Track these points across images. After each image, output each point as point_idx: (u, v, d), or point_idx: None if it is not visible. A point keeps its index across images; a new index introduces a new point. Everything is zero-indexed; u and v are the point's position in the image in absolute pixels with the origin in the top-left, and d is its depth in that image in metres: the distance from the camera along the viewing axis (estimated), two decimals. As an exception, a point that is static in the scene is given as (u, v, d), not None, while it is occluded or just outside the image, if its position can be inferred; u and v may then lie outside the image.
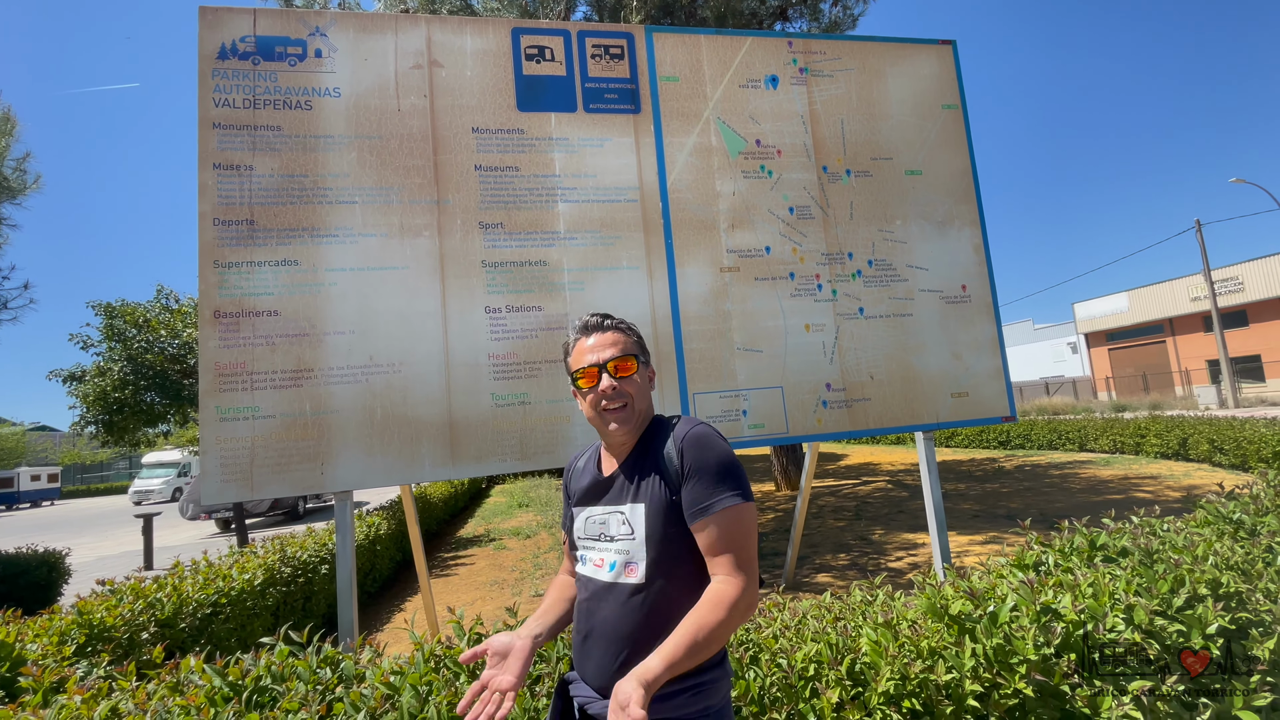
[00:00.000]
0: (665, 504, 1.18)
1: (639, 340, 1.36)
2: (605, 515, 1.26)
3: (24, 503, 29.82)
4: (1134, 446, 11.91)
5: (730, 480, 1.16)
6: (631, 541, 1.20)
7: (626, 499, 1.23)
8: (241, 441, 2.73)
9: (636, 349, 1.33)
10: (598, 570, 1.24)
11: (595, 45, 3.42)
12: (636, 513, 1.21)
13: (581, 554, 1.30)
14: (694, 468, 1.16)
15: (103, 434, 9.49)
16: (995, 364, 3.67)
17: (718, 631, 1.05)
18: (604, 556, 1.24)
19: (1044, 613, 1.70)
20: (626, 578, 1.18)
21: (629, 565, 1.19)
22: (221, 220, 2.87)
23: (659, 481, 1.20)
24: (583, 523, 1.31)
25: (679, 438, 1.21)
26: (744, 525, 1.14)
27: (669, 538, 1.17)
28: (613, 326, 1.34)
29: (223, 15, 3.03)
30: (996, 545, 5.68)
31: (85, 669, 1.97)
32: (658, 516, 1.18)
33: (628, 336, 1.33)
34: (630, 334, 1.34)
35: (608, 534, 1.24)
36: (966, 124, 3.88)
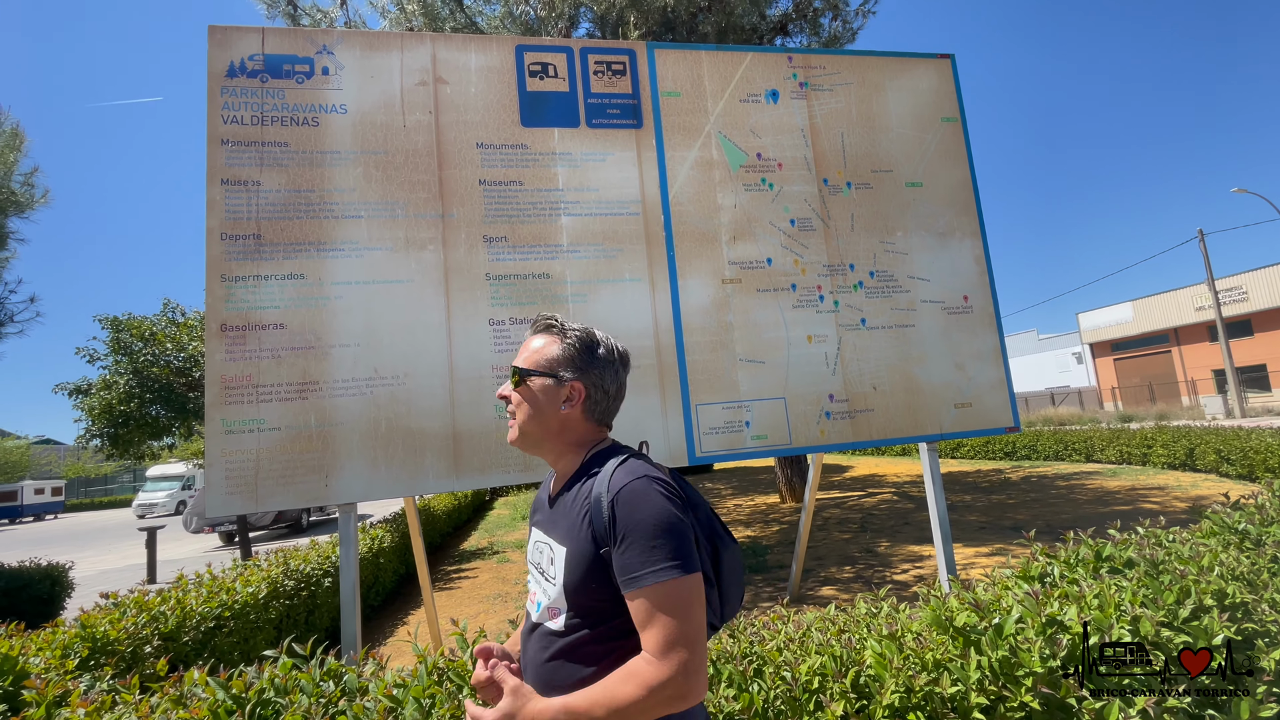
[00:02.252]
0: (590, 557, 1.02)
1: (568, 350, 1.17)
2: (541, 543, 1.15)
3: (27, 516, 29.84)
4: (1141, 457, 11.83)
5: (666, 548, 0.97)
6: (554, 586, 1.07)
7: (556, 532, 1.11)
8: (247, 454, 2.75)
9: (541, 361, 1.17)
10: (530, 604, 1.15)
11: (597, 62, 3.47)
12: (559, 555, 1.08)
13: (528, 580, 1.21)
14: (625, 530, 0.98)
15: (107, 447, 9.53)
16: (998, 374, 3.67)
17: (628, 711, 0.91)
18: (535, 591, 1.14)
19: (1050, 624, 1.70)
20: (549, 621, 1.08)
21: (551, 609, 1.08)
22: (229, 235, 2.90)
23: (585, 528, 1.04)
24: (531, 545, 1.21)
25: (613, 489, 1.02)
26: (678, 600, 0.95)
27: (591, 592, 1.02)
28: (542, 329, 1.22)
29: (232, 34, 3.08)
30: (1003, 557, 5.63)
31: (88, 682, 1.97)
32: (578, 568, 1.03)
33: (551, 341, 1.19)
34: (551, 342, 1.19)
35: (541, 565, 1.14)
36: (966, 136, 3.91)
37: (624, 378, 1.23)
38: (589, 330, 1.21)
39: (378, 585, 5.73)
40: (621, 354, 1.23)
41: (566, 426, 1.16)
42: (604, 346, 1.20)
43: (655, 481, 1.02)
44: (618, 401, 1.22)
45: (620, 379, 1.21)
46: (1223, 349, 24.52)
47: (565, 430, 1.16)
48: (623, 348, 1.25)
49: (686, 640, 0.94)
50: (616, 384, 1.20)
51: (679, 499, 1.03)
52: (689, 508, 1.07)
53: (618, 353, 1.22)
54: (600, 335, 1.22)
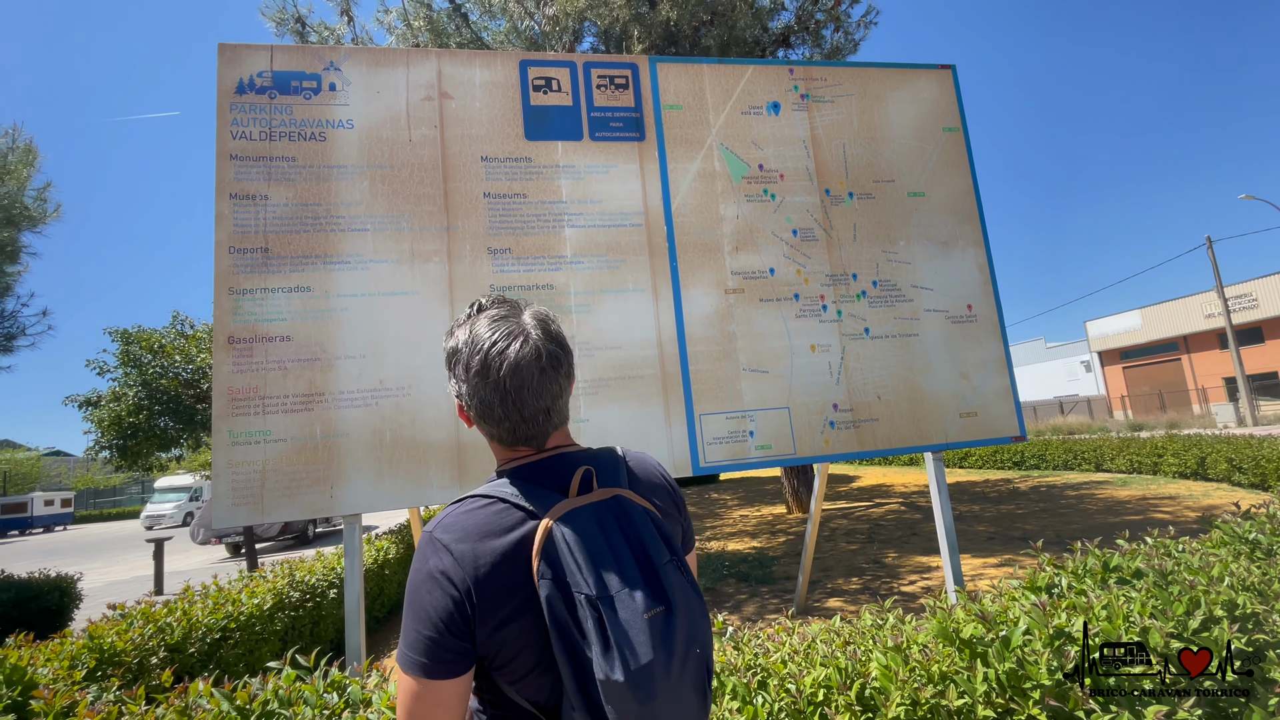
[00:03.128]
0: None
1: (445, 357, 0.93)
2: None
3: (37, 528, 29.97)
4: (1151, 466, 11.71)
5: (408, 629, 0.79)
6: None
7: None
8: (253, 465, 2.76)
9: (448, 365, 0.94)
10: None
11: (600, 76, 3.51)
12: None
13: None
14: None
15: (117, 458, 9.60)
16: (1004, 383, 3.66)
17: None
18: None
19: (1057, 636, 1.68)
20: None
21: None
22: (237, 248, 2.94)
23: None
24: None
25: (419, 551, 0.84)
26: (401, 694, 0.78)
27: None
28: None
29: (241, 52, 3.14)
30: (1011, 568, 5.58)
31: (95, 693, 1.98)
32: None
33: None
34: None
35: None
36: (968, 146, 3.92)
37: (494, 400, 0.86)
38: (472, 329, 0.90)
39: (383, 597, 5.73)
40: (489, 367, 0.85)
41: (489, 443, 0.95)
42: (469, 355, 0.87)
43: (436, 544, 0.81)
44: (505, 425, 0.89)
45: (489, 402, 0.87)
46: (1233, 356, 24.32)
47: (490, 446, 0.96)
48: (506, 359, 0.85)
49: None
50: (479, 406, 0.88)
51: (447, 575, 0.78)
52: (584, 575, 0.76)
53: (486, 365, 0.85)
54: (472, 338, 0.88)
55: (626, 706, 0.73)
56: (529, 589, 0.79)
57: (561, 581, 0.77)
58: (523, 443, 0.91)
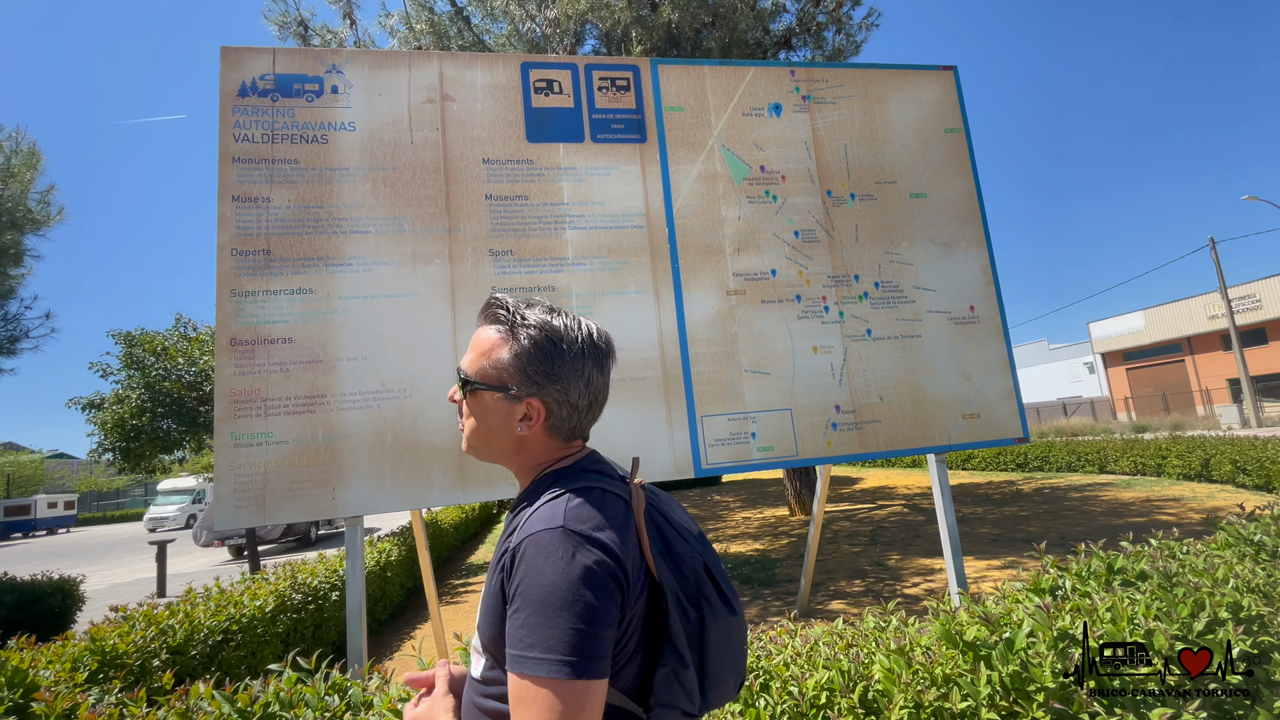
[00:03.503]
0: (494, 605, 0.81)
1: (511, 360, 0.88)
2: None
3: (40, 530, 30.03)
4: (1155, 468, 11.67)
5: (555, 631, 0.72)
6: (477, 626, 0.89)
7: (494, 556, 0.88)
8: (255, 467, 2.77)
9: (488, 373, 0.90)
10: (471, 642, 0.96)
11: (602, 78, 3.51)
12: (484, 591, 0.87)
13: None
14: (519, 589, 0.75)
15: (120, 461, 9.61)
16: (1006, 385, 3.65)
17: None
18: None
19: (1061, 638, 1.67)
20: (473, 665, 0.89)
21: (476, 649, 0.89)
22: (239, 251, 2.95)
23: (498, 571, 0.82)
24: None
25: (525, 532, 0.79)
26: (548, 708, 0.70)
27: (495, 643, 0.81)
28: (491, 319, 0.92)
29: (244, 55, 3.15)
30: (1015, 570, 5.56)
31: (97, 695, 1.98)
32: (487, 615, 0.83)
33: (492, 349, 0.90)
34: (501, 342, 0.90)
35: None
36: (970, 147, 3.92)
37: (600, 381, 0.92)
38: (548, 322, 0.89)
39: (385, 599, 5.72)
40: (597, 346, 0.91)
41: (524, 447, 0.92)
42: (569, 343, 0.89)
43: (573, 536, 0.76)
44: (595, 411, 0.94)
45: (595, 383, 0.91)
46: (1237, 358, 24.23)
47: (523, 450, 0.93)
48: (600, 336, 0.93)
49: None
50: (590, 392, 0.91)
51: (604, 558, 0.76)
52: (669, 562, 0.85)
53: (590, 346, 0.90)
54: (564, 326, 0.90)
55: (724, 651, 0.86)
56: (645, 572, 0.82)
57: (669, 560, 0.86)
58: (581, 435, 0.95)
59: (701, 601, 0.85)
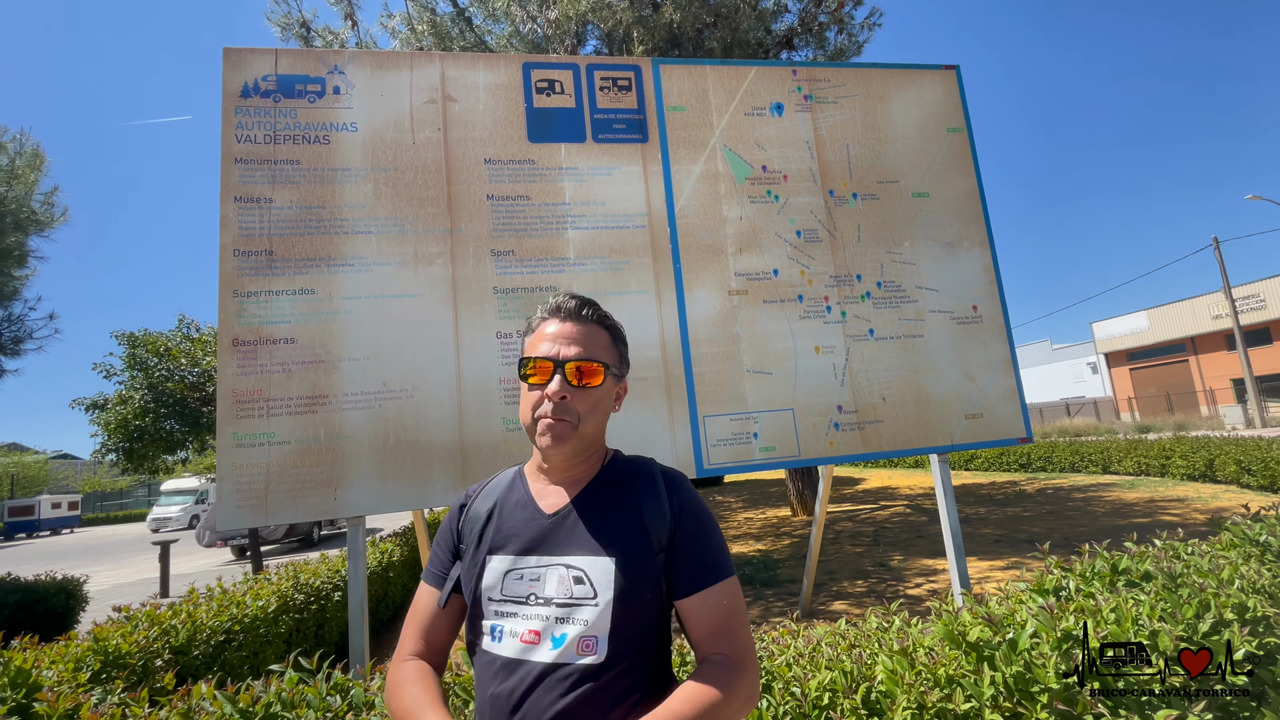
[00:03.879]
0: (645, 562, 0.92)
1: (620, 344, 1.10)
2: (541, 569, 0.96)
3: (44, 530, 30.13)
4: (1159, 468, 11.64)
5: (727, 550, 0.99)
6: (591, 606, 0.91)
7: (581, 549, 0.95)
8: (257, 467, 2.77)
9: (611, 356, 1.06)
10: (529, 648, 0.91)
11: (603, 78, 3.51)
12: (601, 568, 0.92)
13: (494, 624, 0.96)
14: (695, 528, 0.96)
15: (123, 461, 9.64)
16: (1009, 384, 3.63)
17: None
18: (537, 628, 0.92)
19: (1065, 639, 1.66)
20: (581, 656, 0.89)
21: (584, 640, 0.90)
22: (241, 251, 2.95)
23: (640, 531, 0.95)
24: (500, 577, 0.98)
25: (674, 486, 1.01)
26: (738, 598, 0.96)
27: (643, 605, 0.91)
28: (594, 319, 1.07)
29: (246, 56, 3.15)
30: (1018, 570, 5.54)
31: (99, 695, 1.98)
32: (635, 575, 0.91)
33: (608, 335, 1.08)
34: (611, 332, 1.10)
35: (541, 595, 0.94)
36: (972, 146, 3.91)
37: None
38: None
39: (387, 599, 5.73)
40: None
41: (603, 432, 1.09)
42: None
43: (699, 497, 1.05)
44: None
45: None
46: (1241, 358, 24.15)
47: (602, 435, 1.09)
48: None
49: (753, 644, 0.95)
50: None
51: None
52: None
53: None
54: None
55: None
56: None
57: None
58: None
59: None
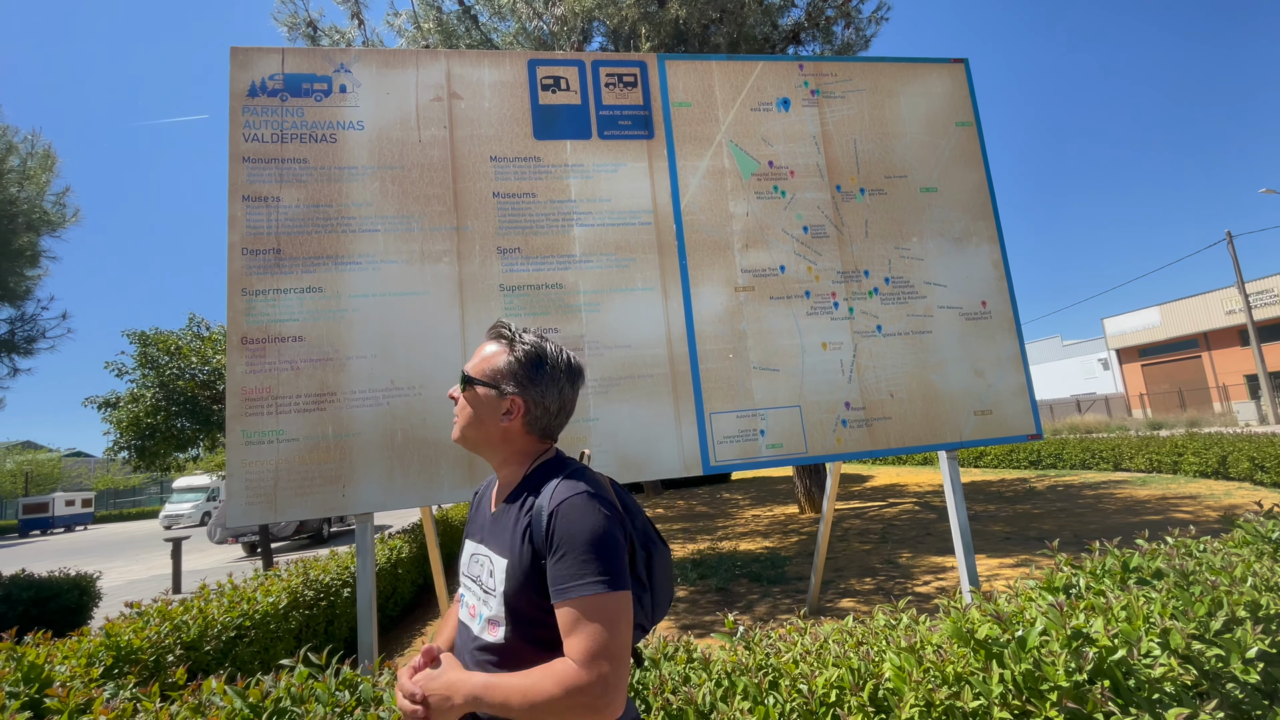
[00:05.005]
0: (527, 568, 1.04)
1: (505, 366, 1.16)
2: (481, 556, 1.16)
3: (58, 527, 30.48)
4: (1171, 465, 11.52)
5: (600, 562, 0.99)
6: (494, 598, 1.08)
7: (496, 545, 1.12)
8: (266, 464, 2.79)
9: (487, 370, 1.16)
10: (470, 619, 1.14)
11: (609, 74, 3.50)
12: (499, 567, 1.09)
13: (461, 593, 1.20)
14: (561, 541, 1.01)
15: (135, 459, 9.74)
16: (1019, 381, 3.61)
17: (543, 707, 0.92)
18: (475, 605, 1.13)
19: (1075, 637, 1.65)
20: (488, 635, 1.08)
21: (491, 621, 1.08)
22: (250, 250, 2.97)
23: (525, 540, 1.06)
24: (467, 558, 1.21)
25: (554, 502, 1.05)
26: (605, 614, 0.97)
27: (530, 603, 1.04)
28: (495, 336, 1.20)
29: (253, 55, 3.17)
30: (1027, 568, 5.50)
31: (112, 690, 2.00)
32: (517, 579, 1.05)
33: (491, 356, 1.17)
34: (500, 352, 1.17)
35: (480, 578, 1.14)
36: (981, 140, 3.87)
37: (570, 395, 1.21)
38: (539, 344, 1.18)
39: (396, 596, 5.76)
40: (571, 369, 1.20)
41: (507, 438, 1.17)
42: (550, 362, 1.17)
43: (595, 498, 1.05)
44: (562, 417, 1.21)
45: (565, 396, 1.19)
46: (1255, 353, 23.86)
47: (506, 441, 1.17)
48: (576, 362, 1.22)
49: (609, 654, 0.94)
50: (559, 401, 1.19)
51: (617, 515, 1.06)
52: (627, 518, 1.12)
53: (566, 369, 1.19)
54: (551, 349, 1.19)
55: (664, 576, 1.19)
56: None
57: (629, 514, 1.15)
58: (552, 434, 1.22)
59: (648, 542, 1.16)
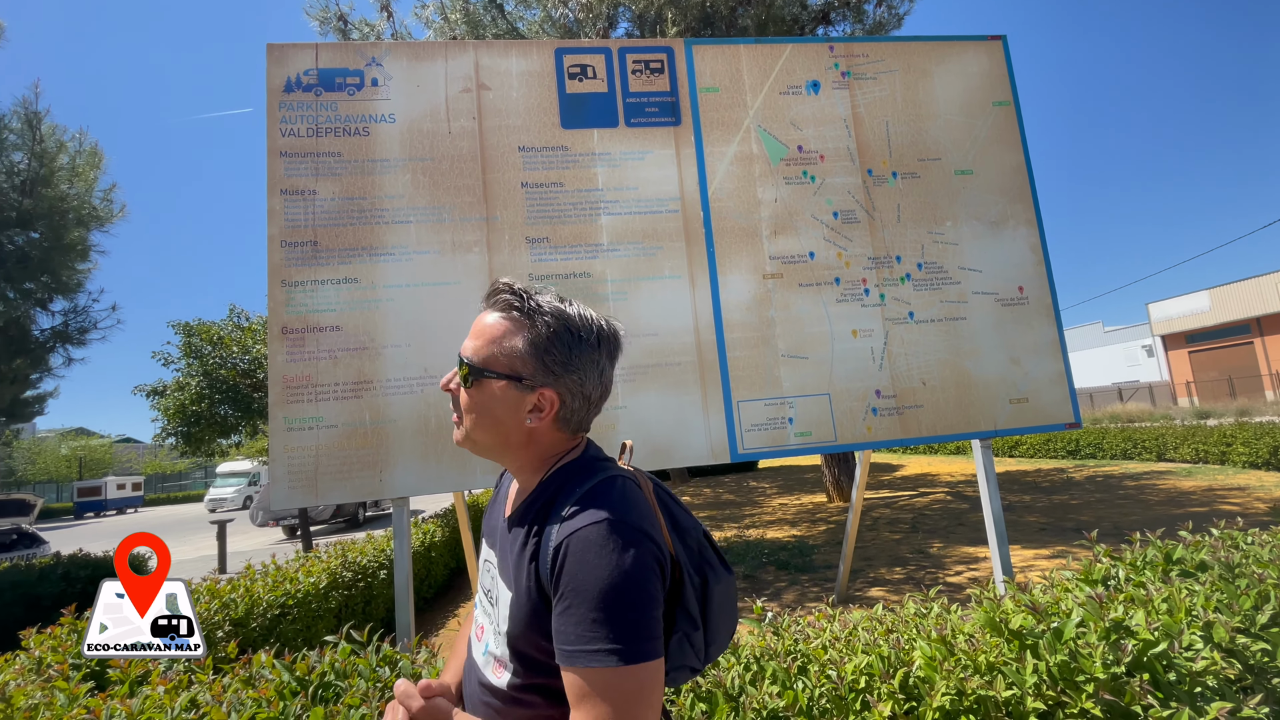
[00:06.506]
0: (534, 607, 0.80)
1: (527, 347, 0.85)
2: (492, 566, 0.92)
3: (110, 510, 31.95)
4: (1219, 455, 11.10)
5: (613, 624, 0.73)
6: (499, 633, 0.85)
7: (503, 567, 0.88)
8: (307, 450, 2.88)
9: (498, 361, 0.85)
10: (476, 641, 0.93)
11: (635, 61, 3.48)
12: (504, 599, 0.85)
13: (477, 602, 0.98)
14: (569, 588, 0.75)
15: (181, 445, 10.14)
16: (1057, 368, 3.51)
17: None
18: (484, 627, 0.91)
19: (1114, 629, 1.62)
20: (491, 674, 0.86)
21: (497, 659, 0.86)
22: (288, 242, 3.05)
23: (532, 571, 0.81)
24: (481, 564, 0.97)
25: (566, 530, 0.78)
26: (620, 694, 0.71)
27: (537, 646, 0.80)
28: (503, 305, 0.88)
29: (288, 51, 3.23)
30: (1064, 560, 5.38)
31: (167, 662, 2.11)
32: (522, 620, 0.81)
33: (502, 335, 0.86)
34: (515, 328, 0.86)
35: (492, 593, 0.90)
36: (1019, 120, 3.75)
37: (610, 373, 0.92)
38: (563, 311, 0.88)
39: (430, 578, 5.91)
40: (607, 338, 0.91)
41: (531, 439, 0.89)
42: (585, 332, 0.88)
43: (620, 528, 0.77)
44: (602, 403, 0.93)
45: (606, 376, 0.91)
46: (1313, 339, 22.72)
47: (531, 443, 0.90)
48: (611, 327, 0.92)
49: None
50: (601, 385, 0.91)
51: (650, 549, 0.78)
52: (676, 540, 0.87)
53: (600, 340, 0.90)
54: (579, 316, 0.89)
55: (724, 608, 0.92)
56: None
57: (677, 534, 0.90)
58: (586, 427, 0.94)
59: (705, 567, 0.90)
